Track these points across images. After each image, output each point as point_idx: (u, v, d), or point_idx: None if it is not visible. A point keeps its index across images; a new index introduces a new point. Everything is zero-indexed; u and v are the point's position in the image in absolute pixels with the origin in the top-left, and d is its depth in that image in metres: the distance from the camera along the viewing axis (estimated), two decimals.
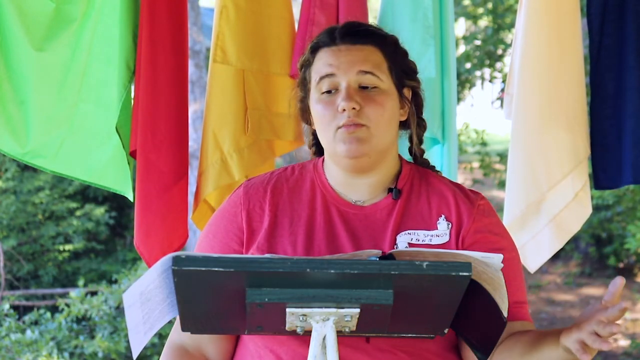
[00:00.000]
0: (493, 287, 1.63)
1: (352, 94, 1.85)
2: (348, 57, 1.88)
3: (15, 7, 2.68)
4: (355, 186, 1.91)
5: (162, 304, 1.60)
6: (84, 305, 7.01)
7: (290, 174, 1.96)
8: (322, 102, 1.88)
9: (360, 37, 1.91)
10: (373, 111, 1.85)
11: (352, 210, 1.90)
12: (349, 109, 1.83)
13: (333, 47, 1.91)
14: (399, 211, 1.88)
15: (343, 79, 1.87)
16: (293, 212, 1.90)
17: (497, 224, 1.92)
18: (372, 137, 1.85)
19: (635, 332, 9.51)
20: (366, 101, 1.86)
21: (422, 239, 1.86)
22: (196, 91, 7.77)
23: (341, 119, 1.85)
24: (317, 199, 1.91)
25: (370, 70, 1.88)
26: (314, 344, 1.55)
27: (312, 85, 1.92)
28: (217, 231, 1.92)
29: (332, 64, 1.88)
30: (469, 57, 10.76)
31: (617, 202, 9.44)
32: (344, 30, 1.93)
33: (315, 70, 1.92)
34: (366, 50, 1.90)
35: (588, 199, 2.98)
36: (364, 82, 1.87)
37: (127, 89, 2.71)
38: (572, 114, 2.92)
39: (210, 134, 2.86)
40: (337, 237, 1.87)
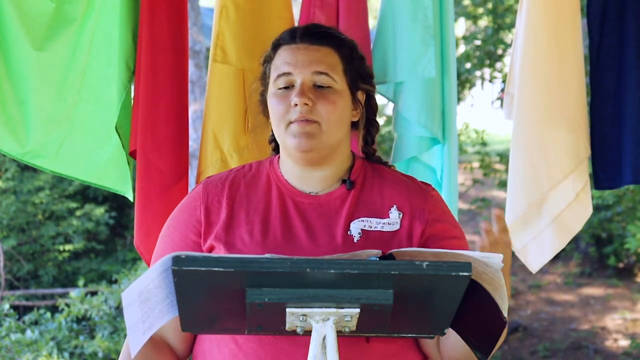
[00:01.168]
0: (493, 287, 1.63)
1: (305, 91, 1.94)
2: (305, 56, 1.97)
3: (15, 7, 2.67)
4: (308, 179, 1.99)
5: (161, 303, 1.60)
6: (84, 305, 7.01)
7: (248, 170, 2.05)
8: (277, 96, 1.97)
9: (318, 38, 2.01)
10: (325, 109, 1.94)
11: (307, 200, 1.98)
12: (301, 105, 1.92)
13: (292, 45, 2.00)
14: (352, 201, 1.97)
15: (298, 77, 1.96)
16: (249, 204, 1.97)
17: (449, 213, 2.03)
18: (322, 134, 1.94)
19: (635, 332, 9.51)
20: (319, 99, 1.94)
21: (374, 226, 1.94)
22: (196, 91, 7.77)
23: (293, 113, 1.94)
24: (272, 192, 1.99)
25: (325, 71, 1.96)
26: (314, 344, 1.55)
27: (270, 80, 2.01)
28: (177, 224, 2.00)
29: (289, 62, 1.98)
30: (469, 57, 10.75)
31: (617, 202, 9.44)
32: (304, 30, 2.03)
33: (274, 67, 2.01)
34: (323, 51, 1.99)
35: (589, 199, 2.98)
36: (318, 81, 1.96)
37: (127, 89, 2.71)
38: (573, 114, 2.92)
39: (210, 133, 2.86)
40: (292, 225, 1.94)
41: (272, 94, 1.99)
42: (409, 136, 3.14)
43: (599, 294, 10.49)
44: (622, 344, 9.30)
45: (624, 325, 9.69)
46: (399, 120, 3.14)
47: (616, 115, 2.92)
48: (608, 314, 9.98)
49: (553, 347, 9.36)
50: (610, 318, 9.90)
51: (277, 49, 2.02)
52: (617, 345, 9.30)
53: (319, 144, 1.94)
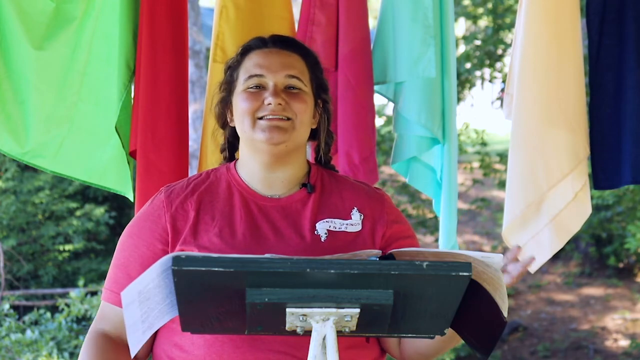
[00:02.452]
0: (493, 287, 1.63)
1: (279, 92, 1.98)
2: (278, 59, 2.02)
3: (15, 7, 2.67)
4: (269, 181, 2.01)
5: (161, 303, 1.60)
6: (84, 305, 7.01)
7: (206, 178, 2.06)
8: (247, 93, 2.00)
9: (289, 45, 2.07)
10: (297, 107, 1.99)
11: (269, 203, 2.00)
12: (275, 105, 1.96)
13: (264, 49, 2.05)
14: (314, 203, 2.00)
15: (271, 80, 2.00)
16: (214, 209, 1.99)
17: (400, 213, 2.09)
18: (294, 130, 1.98)
19: (635, 332, 9.51)
20: (291, 98, 1.99)
21: (338, 226, 1.98)
22: (196, 91, 7.77)
23: (264, 110, 1.97)
24: (234, 197, 2.01)
25: (296, 75, 2.01)
26: (314, 344, 1.55)
27: (238, 83, 2.03)
28: (141, 232, 1.99)
29: (262, 65, 2.01)
30: (469, 57, 10.76)
31: (617, 202, 9.44)
32: (274, 37, 2.08)
33: (244, 69, 2.03)
34: (293, 57, 2.05)
35: (588, 199, 2.98)
36: (290, 84, 2.01)
37: (127, 89, 2.71)
38: (572, 113, 2.92)
39: (210, 134, 2.86)
40: (258, 227, 1.96)
41: (239, 92, 2.01)
42: (409, 136, 3.14)
43: (599, 294, 10.49)
44: (622, 344, 9.30)
45: (624, 325, 9.69)
46: (399, 120, 3.14)
47: (616, 115, 2.92)
48: (608, 314, 9.98)
49: (553, 347, 9.36)
50: (610, 318, 9.90)
51: (247, 54, 2.05)
52: (617, 345, 9.30)
53: (289, 139, 1.97)
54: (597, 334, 9.58)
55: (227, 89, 2.06)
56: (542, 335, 9.68)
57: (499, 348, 9.23)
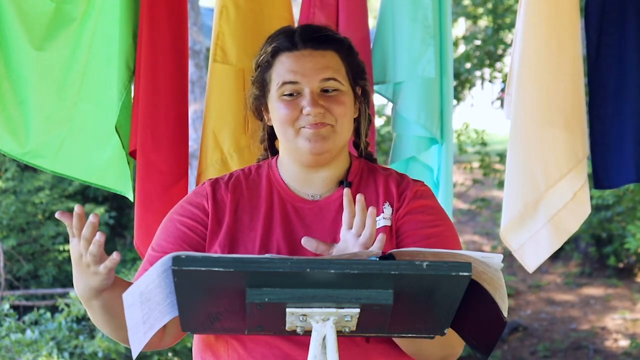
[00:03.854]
0: (493, 287, 1.63)
1: (317, 99, 1.92)
2: (311, 63, 1.95)
3: (15, 7, 2.68)
4: (310, 181, 1.98)
5: (162, 303, 1.60)
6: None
7: (248, 174, 2.03)
8: (284, 102, 1.95)
9: (321, 43, 1.98)
10: (337, 111, 1.93)
11: (307, 206, 1.97)
12: (315, 114, 1.91)
13: (295, 52, 1.97)
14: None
15: (307, 86, 1.93)
16: (252, 208, 1.96)
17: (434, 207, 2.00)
18: (336, 135, 1.94)
19: (635, 332, 9.51)
20: (330, 102, 1.93)
21: None
22: (196, 91, 7.76)
23: (304, 120, 1.92)
24: (274, 196, 1.98)
25: (332, 76, 1.95)
26: (314, 344, 1.55)
27: (272, 87, 1.97)
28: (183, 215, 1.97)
29: (295, 70, 1.94)
30: (469, 57, 10.75)
31: (617, 202, 9.44)
32: (304, 35, 1.99)
33: (276, 73, 1.97)
34: (327, 56, 1.97)
35: (587, 199, 2.98)
36: (326, 87, 1.95)
37: (127, 89, 2.71)
38: (571, 114, 2.92)
39: (210, 133, 2.86)
40: (294, 232, 1.93)
41: (276, 99, 1.96)
42: (408, 136, 3.14)
43: (599, 294, 10.49)
44: (622, 344, 9.30)
45: (624, 325, 9.69)
46: (398, 120, 3.14)
47: (616, 115, 2.92)
48: (608, 314, 9.98)
49: (553, 347, 9.36)
50: (610, 318, 9.90)
51: (277, 56, 1.98)
52: (617, 345, 9.30)
53: (333, 146, 1.93)
54: (597, 334, 9.58)
55: (260, 88, 2.01)
56: (542, 335, 9.68)
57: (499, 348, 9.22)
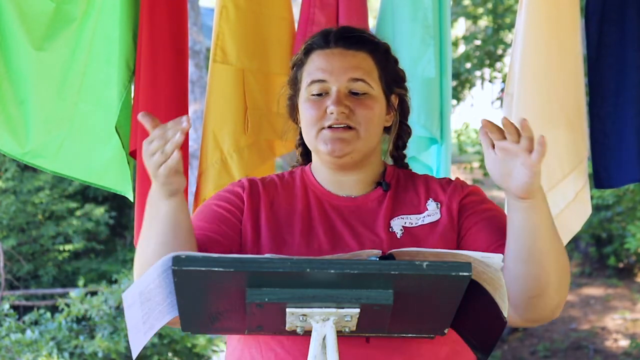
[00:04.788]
0: (493, 287, 1.63)
1: (342, 98, 1.91)
2: (340, 62, 1.93)
3: (15, 7, 2.68)
4: (343, 183, 1.97)
5: (162, 303, 1.60)
6: (84, 305, 7.00)
7: (282, 177, 2.02)
8: (310, 101, 1.94)
9: (353, 43, 1.96)
10: (363, 114, 1.91)
11: (344, 203, 1.95)
12: (338, 114, 1.89)
13: (326, 49, 1.96)
14: (389, 201, 1.95)
15: (334, 85, 1.92)
16: (289, 206, 1.95)
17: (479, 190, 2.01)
18: (359, 140, 1.91)
19: (635, 332, 9.51)
20: (356, 105, 1.91)
21: (414, 222, 1.92)
22: (196, 91, 7.76)
23: (327, 120, 1.91)
24: (309, 196, 1.97)
25: (361, 77, 1.93)
26: (314, 344, 1.55)
27: (302, 86, 1.97)
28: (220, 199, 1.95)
29: (324, 69, 1.93)
30: (469, 57, 10.76)
31: (617, 202, 9.44)
32: (338, 34, 1.97)
33: (307, 72, 1.96)
34: (359, 56, 1.95)
35: (588, 199, 2.98)
36: (354, 88, 1.93)
37: (127, 89, 2.71)
38: (572, 113, 2.92)
39: (210, 133, 2.86)
40: (334, 227, 1.92)
41: (304, 99, 1.95)
42: None
43: (599, 294, 10.49)
44: (622, 344, 9.30)
45: (624, 325, 9.69)
46: None
47: (617, 114, 2.92)
48: (608, 314, 9.98)
49: (553, 347, 9.36)
50: (610, 318, 9.90)
51: (310, 53, 1.97)
52: (617, 345, 9.30)
53: (354, 150, 1.92)
54: (597, 334, 9.58)
55: (293, 88, 2.01)
56: (542, 335, 9.68)
57: (499, 348, 9.22)
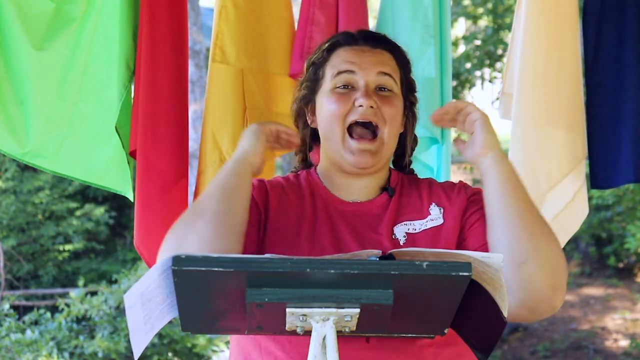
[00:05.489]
0: (493, 287, 1.63)
1: (371, 93, 1.89)
2: (370, 57, 1.93)
3: (15, 7, 2.68)
4: (350, 188, 1.97)
5: (162, 304, 1.60)
6: (84, 305, 7.01)
7: (288, 180, 2.01)
8: (335, 94, 1.91)
9: (380, 43, 1.97)
10: (388, 112, 1.91)
11: (350, 208, 1.95)
12: (367, 107, 1.88)
13: (355, 46, 1.96)
14: (394, 206, 1.95)
15: (362, 78, 1.91)
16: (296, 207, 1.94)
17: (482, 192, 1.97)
18: (383, 146, 1.91)
19: (635, 332, 9.51)
20: (383, 102, 1.90)
21: (417, 227, 1.92)
22: (196, 91, 7.77)
23: (355, 114, 1.89)
24: (317, 200, 1.96)
25: (389, 72, 1.93)
26: (314, 344, 1.55)
27: (325, 80, 1.94)
28: None
29: (353, 61, 1.92)
30: (469, 57, 10.76)
31: (617, 202, 9.44)
32: (363, 34, 1.99)
33: (332, 66, 1.95)
34: (385, 55, 1.96)
35: (585, 199, 2.98)
36: (382, 83, 1.92)
37: (127, 89, 2.71)
38: (571, 114, 2.92)
39: (209, 133, 2.86)
40: (338, 230, 1.91)
41: (327, 92, 1.93)
42: None
43: (599, 294, 10.49)
44: (622, 344, 9.30)
45: (624, 325, 9.69)
46: None
47: (615, 114, 2.92)
48: (608, 314, 9.98)
49: (553, 347, 9.36)
50: (610, 318, 9.90)
51: (335, 50, 1.97)
52: (617, 345, 9.30)
53: (379, 161, 1.92)
54: (597, 334, 9.58)
55: (310, 87, 1.98)
56: (542, 335, 9.68)
57: (499, 348, 9.22)
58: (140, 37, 2.72)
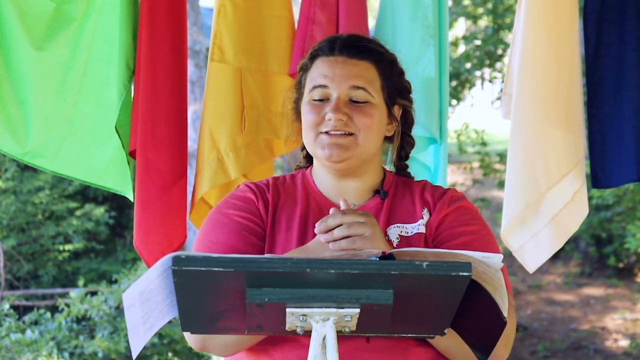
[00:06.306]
0: (493, 287, 1.63)
1: (341, 106, 1.93)
2: (343, 70, 1.96)
3: (15, 7, 2.68)
4: (342, 189, 1.99)
5: (162, 304, 1.60)
6: (84, 305, 7.01)
7: (283, 181, 2.04)
8: (310, 105, 1.97)
9: (358, 52, 1.99)
10: (362, 121, 1.93)
11: None
12: (336, 120, 1.92)
13: (330, 57, 1.99)
14: (387, 209, 1.97)
15: (335, 91, 1.95)
16: (289, 209, 1.97)
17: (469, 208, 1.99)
18: (357, 146, 1.94)
19: (635, 332, 9.51)
20: (355, 112, 1.94)
21: (410, 230, 1.94)
22: (196, 91, 7.77)
23: (325, 126, 1.93)
24: (310, 201, 1.99)
25: (362, 86, 1.95)
26: (314, 344, 1.55)
27: (305, 91, 2.00)
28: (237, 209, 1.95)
29: (326, 75, 1.96)
30: (469, 57, 10.76)
31: (617, 202, 9.44)
32: (344, 41, 2.00)
33: (310, 77, 2.00)
34: (361, 65, 1.97)
35: (585, 199, 2.98)
36: (354, 96, 1.95)
37: (127, 89, 2.71)
38: (571, 113, 2.92)
39: (207, 133, 2.86)
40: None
41: (306, 103, 1.98)
42: None
43: (599, 294, 10.49)
44: (622, 344, 9.30)
45: (624, 325, 9.69)
46: None
47: (615, 114, 2.92)
48: (608, 314, 9.98)
49: (553, 347, 9.36)
50: (610, 318, 9.90)
51: (315, 59, 2.01)
52: (617, 345, 9.30)
53: (351, 156, 1.94)
54: (597, 334, 9.58)
55: (298, 91, 2.04)
56: (542, 335, 9.68)
57: None
58: (140, 37, 2.72)
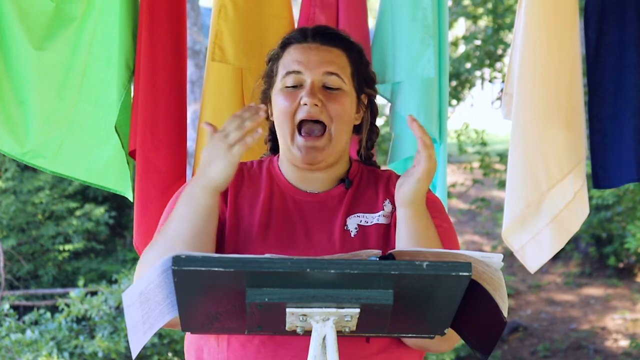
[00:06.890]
0: (493, 287, 1.63)
1: (316, 91, 1.94)
2: (316, 56, 1.98)
3: (15, 7, 2.68)
4: (308, 179, 2.00)
5: (161, 303, 1.60)
6: (84, 305, 7.00)
7: (250, 166, 2.05)
8: (284, 93, 1.97)
9: (330, 39, 2.01)
10: (334, 110, 1.95)
11: (307, 198, 1.99)
12: (311, 105, 1.93)
13: (303, 44, 2.00)
14: (349, 198, 1.98)
15: (308, 77, 1.96)
16: (252, 196, 1.98)
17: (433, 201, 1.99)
18: (330, 143, 1.95)
19: (635, 332, 9.51)
20: (328, 99, 1.95)
21: (369, 220, 1.95)
22: (196, 91, 7.77)
23: (301, 112, 1.94)
24: (274, 188, 2.00)
25: (335, 71, 1.97)
26: (314, 344, 1.55)
27: (277, 78, 2.00)
28: None
29: (300, 61, 1.98)
30: (469, 57, 10.75)
31: (617, 202, 9.43)
32: (315, 30, 2.03)
33: (283, 64, 2.00)
34: (334, 52, 2.00)
35: (586, 199, 2.98)
36: (328, 82, 1.97)
37: (127, 89, 2.72)
38: (572, 113, 2.92)
39: (207, 132, 2.86)
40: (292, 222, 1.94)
41: (278, 91, 1.99)
42: (407, 136, 3.14)
43: (599, 294, 10.49)
44: (622, 344, 9.30)
45: (624, 325, 9.69)
46: (397, 120, 3.14)
47: (616, 114, 2.92)
48: (608, 314, 9.98)
49: (553, 347, 9.36)
50: (610, 318, 9.90)
51: (287, 47, 2.02)
52: (617, 345, 9.30)
53: (327, 156, 1.96)
54: (597, 334, 9.58)
55: (267, 82, 2.04)
56: (542, 335, 9.68)
57: (499, 348, 9.23)
58: (140, 37, 2.72)
